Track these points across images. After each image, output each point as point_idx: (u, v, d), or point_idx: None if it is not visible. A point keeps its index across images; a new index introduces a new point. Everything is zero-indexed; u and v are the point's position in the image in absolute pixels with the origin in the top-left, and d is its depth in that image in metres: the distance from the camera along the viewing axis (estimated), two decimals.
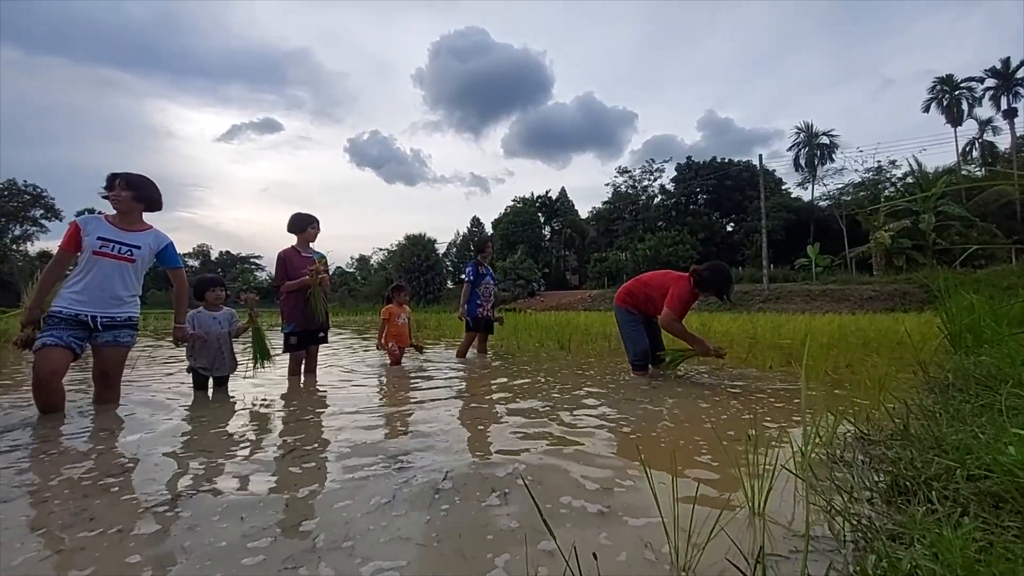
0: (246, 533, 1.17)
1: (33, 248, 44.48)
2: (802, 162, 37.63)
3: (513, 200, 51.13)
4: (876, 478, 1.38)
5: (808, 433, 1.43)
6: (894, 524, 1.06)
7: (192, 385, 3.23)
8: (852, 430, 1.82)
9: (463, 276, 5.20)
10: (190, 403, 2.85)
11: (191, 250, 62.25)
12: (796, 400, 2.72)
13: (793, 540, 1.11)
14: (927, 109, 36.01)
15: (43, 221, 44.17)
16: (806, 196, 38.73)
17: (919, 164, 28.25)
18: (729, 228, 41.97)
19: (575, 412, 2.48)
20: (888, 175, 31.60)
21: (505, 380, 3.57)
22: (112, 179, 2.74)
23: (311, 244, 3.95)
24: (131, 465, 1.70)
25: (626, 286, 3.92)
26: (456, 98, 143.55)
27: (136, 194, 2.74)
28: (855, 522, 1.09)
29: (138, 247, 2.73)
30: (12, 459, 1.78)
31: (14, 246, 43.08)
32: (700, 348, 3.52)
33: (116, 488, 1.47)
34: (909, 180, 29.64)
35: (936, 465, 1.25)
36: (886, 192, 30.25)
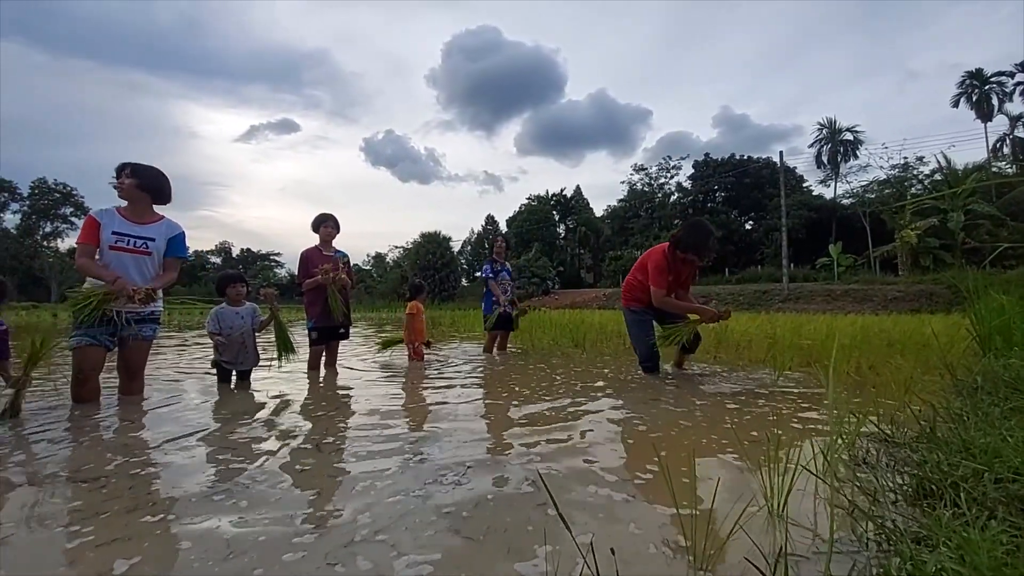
0: (285, 529, 1.19)
1: (63, 245, 46.05)
2: (824, 159, 36.75)
3: (528, 198, 51.10)
4: (900, 480, 1.36)
5: (832, 434, 1.41)
6: (919, 527, 1.05)
7: (216, 378, 3.33)
8: (876, 432, 1.79)
9: (486, 274, 5.34)
10: (214, 396, 2.94)
11: (213, 247, 63.63)
12: (816, 401, 2.68)
13: (814, 541, 1.10)
14: (956, 104, 34.92)
15: (73, 219, 45.67)
16: (828, 194, 37.84)
17: (948, 161, 27.36)
18: (748, 226, 41.25)
19: (593, 410, 2.48)
20: (915, 172, 30.62)
21: (521, 377, 3.59)
22: (120, 169, 2.74)
23: (333, 243, 4.04)
24: (168, 457, 1.76)
25: (625, 283, 3.82)
26: (469, 97, 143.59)
27: (140, 182, 2.71)
28: (879, 524, 1.08)
29: (152, 239, 2.74)
30: (60, 447, 1.87)
31: (45, 243, 44.64)
32: (704, 316, 3.35)
33: (159, 480, 1.53)
34: (937, 177, 28.69)
35: (963, 468, 1.22)
36: (913, 189, 29.34)
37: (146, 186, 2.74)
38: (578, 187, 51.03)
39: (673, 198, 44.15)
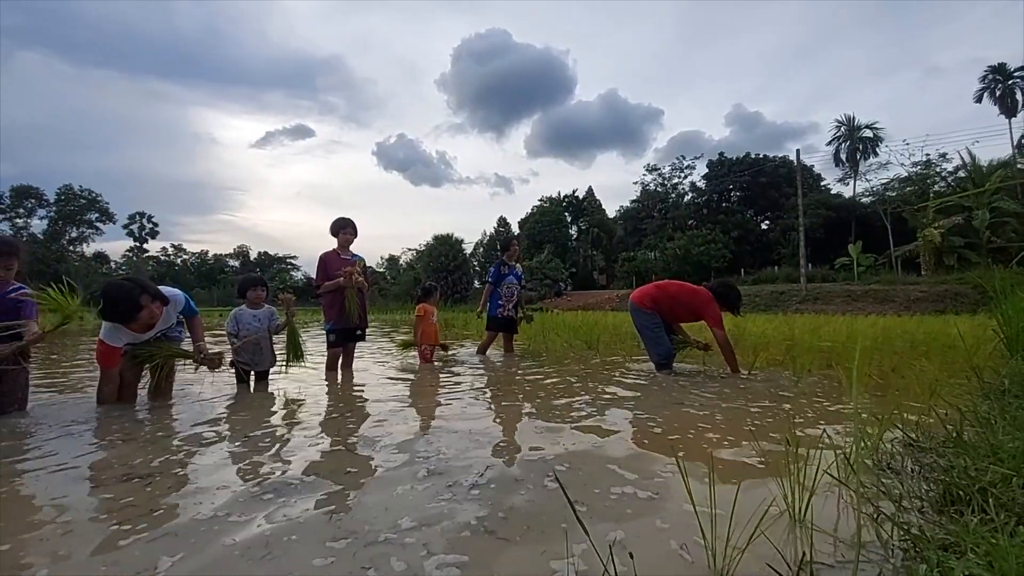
0: (320, 530, 1.21)
1: (88, 249, 47.45)
2: (843, 157, 36.04)
3: (540, 200, 50.99)
4: (927, 486, 1.34)
5: (856, 438, 1.39)
6: (946, 533, 1.03)
7: (235, 379, 3.39)
8: (901, 436, 1.76)
9: (488, 277, 5.29)
10: (236, 397, 3.00)
11: (231, 251, 65.05)
12: (838, 404, 2.63)
13: (837, 547, 1.09)
14: (979, 99, 33.94)
15: (98, 224, 47.06)
16: (847, 192, 37.09)
17: (972, 157, 26.58)
18: (764, 226, 40.59)
19: (610, 413, 2.48)
20: (938, 169, 29.80)
21: (535, 379, 3.59)
22: (136, 299, 2.45)
23: (350, 247, 4.09)
24: (203, 457, 1.81)
25: (648, 292, 4.00)
26: (479, 100, 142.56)
27: (163, 301, 2.66)
28: (905, 530, 1.06)
29: (173, 323, 2.88)
30: (107, 445, 1.95)
31: (71, 247, 45.99)
32: (734, 367, 3.77)
33: (198, 478, 1.57)
34: (961, 174, 27.87)
35: (991, 473, 1.20)
36: (936, 187, 28.54)
37: (165, 300, 2.68)
38: (590, 188, 50.74)
39: (687, 198, 43.70)
